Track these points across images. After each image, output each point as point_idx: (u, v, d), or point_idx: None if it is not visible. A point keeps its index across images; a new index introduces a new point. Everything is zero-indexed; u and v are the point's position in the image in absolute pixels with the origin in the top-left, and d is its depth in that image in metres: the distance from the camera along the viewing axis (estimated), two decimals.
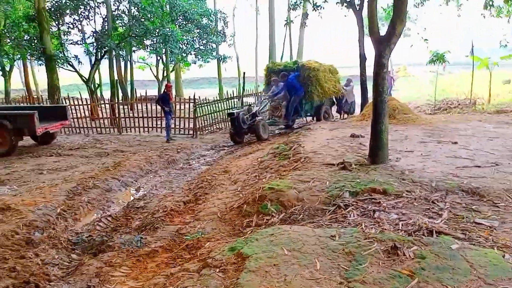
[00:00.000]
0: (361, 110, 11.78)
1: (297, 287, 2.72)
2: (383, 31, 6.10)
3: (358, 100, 13.93)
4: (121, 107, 14.55)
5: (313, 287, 2.70)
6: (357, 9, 11.65)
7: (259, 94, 12.85)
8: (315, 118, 13.22)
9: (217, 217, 5.07)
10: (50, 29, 15.02)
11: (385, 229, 3.58)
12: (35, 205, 5.72)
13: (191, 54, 20.84)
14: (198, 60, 21.61)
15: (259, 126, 10.61)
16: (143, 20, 14.92)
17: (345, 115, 14.27)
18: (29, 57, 17.57)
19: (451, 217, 3.81)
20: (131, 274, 3.75)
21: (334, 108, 14.22)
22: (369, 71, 8.43)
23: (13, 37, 15.39)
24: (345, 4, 12.12)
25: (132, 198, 6.95)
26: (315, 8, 13.23)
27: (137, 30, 14.81)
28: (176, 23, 16.49)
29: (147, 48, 18.30)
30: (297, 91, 11.45)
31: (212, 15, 18.39)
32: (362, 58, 12.01)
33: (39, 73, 27.24)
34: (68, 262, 4.24)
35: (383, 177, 4.99)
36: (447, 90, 18.52)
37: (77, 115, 13.48)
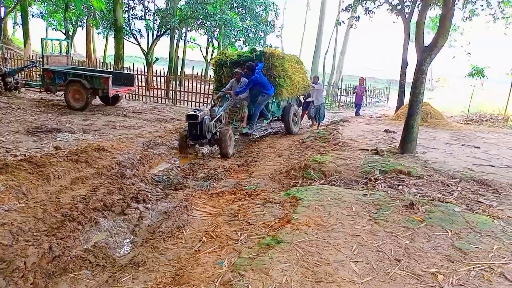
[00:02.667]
0: (396, 111, 12.63)
1: (338, 217, 3.86)
2: (429, 38, 7.00)
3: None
4: (173, 81, 15.99)
5: (349, 219, 3.84)
6: (406, 17, 12.44)
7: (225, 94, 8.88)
8: (282, 123, 10.76)
9: (268, 177, 6.25)
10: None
11: None
12: (121, 150, 7.09)
13: (239, 40, 22.03)
14: (245, 46, 22.78)
15: (225, 137, 7.60)
16: (205, 3, 16.16)
17: (314, 122, 12.27)
18: (100, 27, 19.20)
19: (460, 196, 4.84)
20: (208, 204, 4.99)
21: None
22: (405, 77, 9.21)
23: (88, 8, 16.98)
24: (395, 11, 12.92)
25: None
26: (367, 13, 14.04)
27: (199, 13, 16.10)
28: (235, 11, 17.76)
29: (203, 30, 19.57)
30: (266, 88, 9.09)
31: (267, 6, 19.50)
32: (404, 63, 12.78)
33: (97, 41, 29.14)
34: (156, 192, 5.52)
35: (409, 163, 6.03)
36: (483, 104, 18.93)
37: (137, 83, 14.98)
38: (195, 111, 7.36)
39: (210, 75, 16.06)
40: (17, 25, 29.13)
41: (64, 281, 3.01)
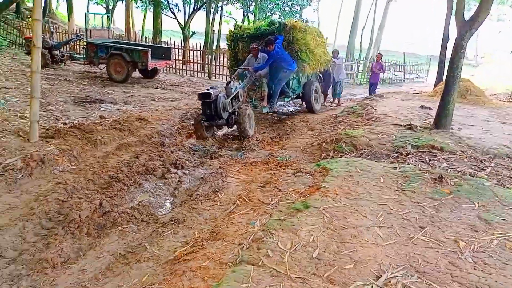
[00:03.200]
0: (434, 87, 12.30)
1: (366, 187, 4.01)
2: (471, 12, 6.75)
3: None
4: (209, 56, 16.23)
5: (377, 189, 3.98)
6: None
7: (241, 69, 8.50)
8: (303, 101, 10.13)
9: (300, 149, 6.43)
10: None
11: None
12: (160, 120, 7.45)
13: (275, 14, 21.82)
14: (281, 20, 22.58)
15: (244, 117, 6.97)
16: None
17: (335, 101, 11.68)
18: (139, 1, 19.60)
19: (492, 172, 4.83)
20: (241, 172, 5.26)
21: None
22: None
23: None
24: None
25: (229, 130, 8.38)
26: None
27: None
28: None
29: (239, 4, 19.58)
30: (288, 63, 8.32)
31: None
32: (445, 39, 12.30)
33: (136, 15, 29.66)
34: (193, 160, 5.84)
35: (442, 138, 6.00)
36: None
37: (174, 57, 15.33)
38: (208, 89, 6.88)
39: None
40: None
41: (114, 232, 3.38)
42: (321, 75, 10.49)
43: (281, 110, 10.46)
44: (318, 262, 2.62)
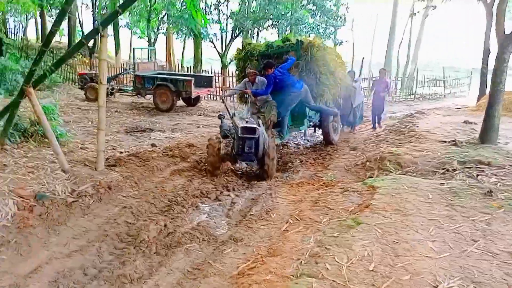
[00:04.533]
0: (477, 101, 12.07)
1: (414, 203, 4.11)
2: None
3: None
4: None
5: (426, 205, 4.07)
6: (488, 1, 11.81)
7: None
8: (320, 130, 8.84)
9: (344, 169, 6.58)
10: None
11: None
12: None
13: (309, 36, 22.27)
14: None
15: (273, 153, 6.01)
16: (277, 3, 16.69)
17: (354, 128, 10.26)
18: (179, 33, 20.69)
19: None
20: (289, 192, 5.48)
21: None
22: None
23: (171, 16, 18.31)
24: None
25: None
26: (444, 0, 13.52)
27: (271, 13, 16.69)
28: (306, 8, 18.12)
29: (275, 29, 20.14)
30: (292, 85, 7.19)
31: (337, 1, 19.57)
32: (486, 51, 12.15)
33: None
34: (241, 183, 6.09)
35: (489, 153, 5.97)
36: None
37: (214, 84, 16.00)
38: (247, 121, 5.93)
39: None
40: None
41: (179, 251, 3.68)
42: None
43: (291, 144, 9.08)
44: (375, 274, 2.79)
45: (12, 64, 13.36)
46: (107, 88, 13.89)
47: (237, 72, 8.98)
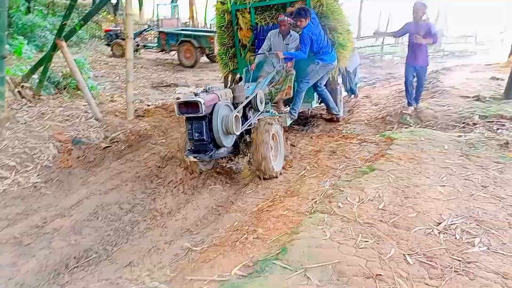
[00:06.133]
0: (509, 57, 11.65)
1: (429, 153, 4.25)
2: None
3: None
4: None
5: (440, 155, 4.21)
6: None
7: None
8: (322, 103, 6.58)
9: (364, 123, 6.68)
10: None
11: None
12: None
13: None
14: None
15: (265, 143, 4.04)
16: None
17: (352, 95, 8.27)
18: None
19: None
20: (309, 144, 5.68)
21: None
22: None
23: None
24: None
25: None
26: None
27: None
28: None
29: None
30: (325, 53, 5.46)
31: None
32: None
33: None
34: None
35: None
36: None
37: None
38: (196, 94, 3.75)
39: None
40: None
41: (205, 191, 4.00)
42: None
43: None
44: (383, 212, 3.01)
45: (40, 21, 13.65)
46: (133, 45, 14.15)
47: (218, 33, 6.48)
